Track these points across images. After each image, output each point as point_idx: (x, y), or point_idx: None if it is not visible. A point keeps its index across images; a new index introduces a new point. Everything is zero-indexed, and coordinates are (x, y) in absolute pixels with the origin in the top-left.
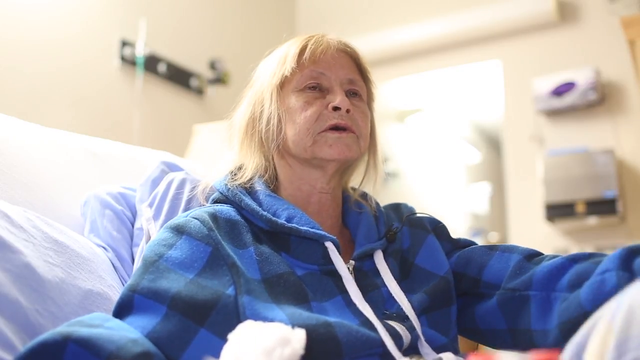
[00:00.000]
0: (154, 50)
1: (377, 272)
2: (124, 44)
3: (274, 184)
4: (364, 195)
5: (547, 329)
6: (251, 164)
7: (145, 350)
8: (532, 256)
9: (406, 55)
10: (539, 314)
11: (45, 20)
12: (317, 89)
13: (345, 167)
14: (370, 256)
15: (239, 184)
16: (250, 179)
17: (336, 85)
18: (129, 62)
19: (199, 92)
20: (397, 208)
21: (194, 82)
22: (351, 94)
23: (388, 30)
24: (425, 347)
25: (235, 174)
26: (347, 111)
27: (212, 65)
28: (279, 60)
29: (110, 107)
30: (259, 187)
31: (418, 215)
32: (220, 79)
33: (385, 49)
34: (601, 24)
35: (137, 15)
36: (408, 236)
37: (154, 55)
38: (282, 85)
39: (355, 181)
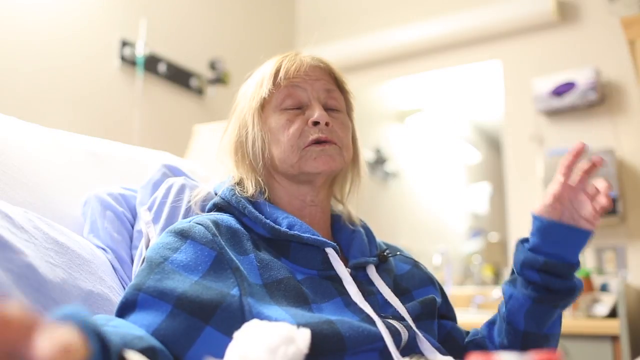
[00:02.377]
0: (154, 50)
1: (370, 282)
2: (124, 44)
3: (265, 198)
4: (357, 218)
5: None
6: (250, 185)
7: (151, 346)
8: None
9: (406, 55)
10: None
11: (45, 20)
12: (296, 106)
13: (332, 180)
14: (363, 268)
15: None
16: (252, 195)
17: (313, 99)
18: (129, 62)
19: (199, 92)
20: (387, 244)
21: (194, 82)
22: (329, 107)
23: (388, 30)
24: (424, 343)
25: (242, 188)
26: (327, 124)
27: (212, 65)
28: (257, 83)
29: (110, 107)
30: (260, 199)
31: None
32: (220, 79)
33: (385, 49)
34: (601, 24)
35: (137, 15)
36: (406, 269)
37: (154, 55)
38: (263, 106)
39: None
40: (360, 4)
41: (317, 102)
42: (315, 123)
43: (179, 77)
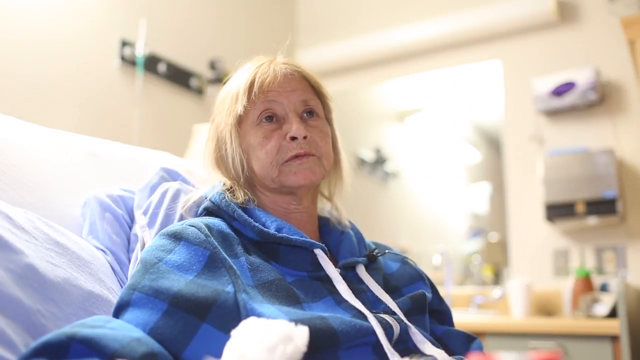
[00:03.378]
0: (154, 50)
1: (360, 281)
2: (124, 44)
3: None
4: (345, 219)
5: None
6: (240, 195)
7: (149, 350)
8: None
9: (406, 55)
10: None
11: (45, 21)
12: (273, 120)
13: (315, 186)
14: (353, 268)
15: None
16: (242, 202)
17: (290, 111)
18: (129, 62)
19: (199, 92)
20: (376, 243)
21: (194, 82)
22: (307, 113)
23: (388, 30)
24: (416, 335)
25: (231, 194)
26: (305, 137)
27: (212, 65)
28: (232, 98)
29: (111, 107)
30: (249, 205)
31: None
32: (220, 79)
33: (385, 49)
34: (601, 24)
35: (137, 15)
36: (395, 268)
37: (154, 55)
38: (240, 122)
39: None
40: (360, 4)
41: (294, 114)
42: (293, 138)
43: (179, 77)
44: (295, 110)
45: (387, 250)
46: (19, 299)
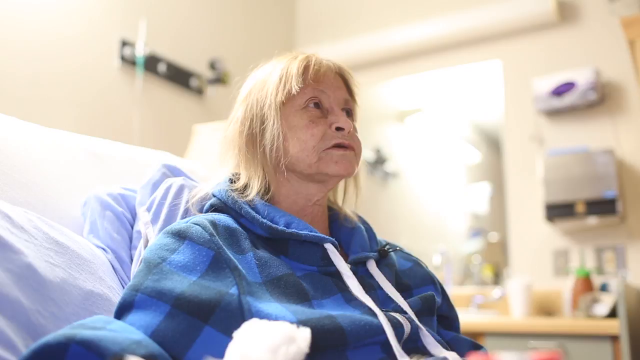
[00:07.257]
0: (154, 50)
1: (371, 277)
2: (124, 44)
3: (267, 198)
4: (356, 215)
5: None
6: (256, 182)
7: (150, 353)
8: None
9: (406, 55)
10: None
11: (46, 21)
12: (318, 108)
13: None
14: (363, 264)
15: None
16: (248, 194)
17: (335, 105)
18: (129, 62)
19: (199, 92)
20: (387, 241)
21: (194, 82)
22: (346, 113)
23: (388, 30)
24: (427, 337)
25: (242, 192)
26: (349, 132)
27: (212, 65)
28: (281, 79)
29: (111, 107)
30: (256, 198)
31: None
32: (220, 79)
33: (385, 49)
34: (601, 24)
35: (137, 15)
36: (408, 266)
37: (154, 55)
38: (284, 102)
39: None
40: (360, 4)
41: (339, 108)
42: (339, 129)
43: (179, 77)
44: (339, 106)
45: (398, 248)
46: (18, 299)
